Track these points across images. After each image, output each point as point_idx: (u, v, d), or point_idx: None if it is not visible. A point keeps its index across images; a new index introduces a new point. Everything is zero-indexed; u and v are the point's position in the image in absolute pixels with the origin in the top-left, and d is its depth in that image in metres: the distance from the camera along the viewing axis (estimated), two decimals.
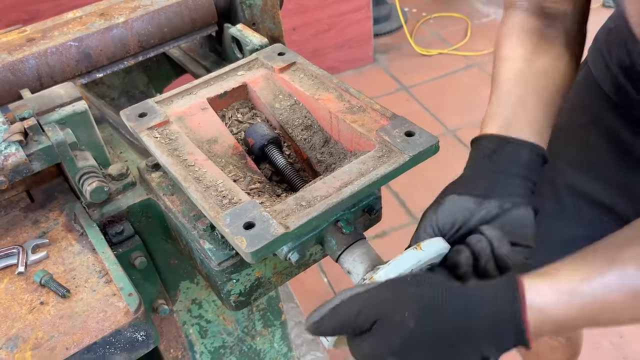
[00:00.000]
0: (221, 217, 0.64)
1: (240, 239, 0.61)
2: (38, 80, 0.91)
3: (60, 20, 0.99)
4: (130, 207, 0.81)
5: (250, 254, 0.60)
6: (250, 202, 0.66)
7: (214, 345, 1.09)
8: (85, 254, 0.75)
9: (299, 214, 0.64)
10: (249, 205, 0.65)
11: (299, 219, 0.63)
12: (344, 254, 0.68)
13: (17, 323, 0.67)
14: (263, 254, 0.61)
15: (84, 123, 0.80)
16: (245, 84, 0.87)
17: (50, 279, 0.71)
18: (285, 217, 0.64)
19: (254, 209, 0.64)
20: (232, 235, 0.62)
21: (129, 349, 0.68)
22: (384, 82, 3.13)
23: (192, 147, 0.75)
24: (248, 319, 1.11)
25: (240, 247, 0.61)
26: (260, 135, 0.79)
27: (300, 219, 0.63)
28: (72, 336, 0.65)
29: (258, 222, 0.63)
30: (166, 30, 1.01)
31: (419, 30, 3.50)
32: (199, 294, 1.00)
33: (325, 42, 3.07)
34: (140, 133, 0.77)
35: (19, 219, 0.80)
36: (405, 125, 0.73)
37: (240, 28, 1.01)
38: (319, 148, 0.81)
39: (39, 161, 0.74)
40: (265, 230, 0.62)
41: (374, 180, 0.67)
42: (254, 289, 0.76)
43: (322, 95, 0.82)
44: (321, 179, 0.69)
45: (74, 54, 0.94)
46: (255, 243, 0.60)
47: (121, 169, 0.83)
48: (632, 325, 2.01)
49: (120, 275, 0.71)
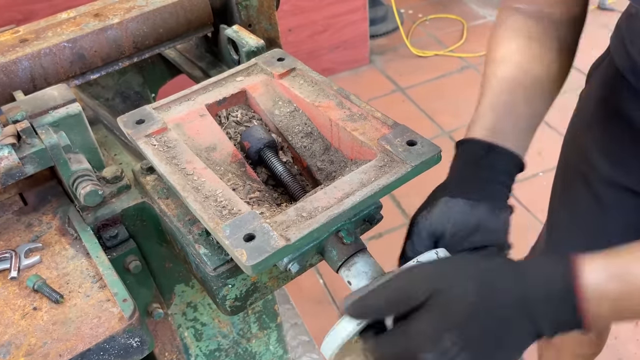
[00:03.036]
0: (221, 229, 0.63)
1: (241, 252, 0.60)
2: (31, 82, 0.90)
3: (53, 20, 0.98)
4: (124, 210, 0.80)
5: (251, 267, 0.59)
6: (250, 212, 0.65)
7: (209, 348, 1.08)
8: (79, 258, 0.74)
9: (300, 226, 0.63)
10: (249, 216, 0.64)
11: (299, 230, 0.62)
12: (345, 265, 0.67)
13: (10, 329, 0.66)
14: (264, 267, 0.60)
15: (78, 125, 0.79)
16: (245, 89, 0.86)
17: (43, 284, 0.70)
18: (286, 228, 0.63)
19: (254, 220, 0.63)
20: (232, 248, 0.61)
21: (123, 355, 0.67)
22: (380, 83, 3.13)
23: (190, 155, 0.74)
24: (243, 322, 1.11)
25: (241, 260, 0.60)
26: (256, 138, 0.79)
27: (301, 230, 0.62)
28: (65, 342, 0.64)
29: (258, 234, 0.62)
30: (161, 31, 1.00)
31: (415, 32, 3.50)
32: (194, 297, 0.99)
33: (321, 43, 3.06)
34: (137, 140, 0.76)
35: (11, 223, 0.79)
36: (407, 134, 0.72)
37: (236, 29, 1.00)
38: (319, 156, 0.80)
39: (32, 164, 0.73)
40: (266, 243, 0.61)
41: (376, 191, 0.66)
42: (250, 293, 0.75)
43: (322, 102, 0.81)
44: (322, 188, 0.68)
45: (67, 55, 0.93)
46: (255, 256, 0.59)
47: (115, 171, 0.82)
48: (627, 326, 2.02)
49: (115, 281, 0.70)
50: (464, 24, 3.51)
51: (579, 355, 1.35)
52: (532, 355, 1.80)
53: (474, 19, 3.57)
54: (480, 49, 3.25)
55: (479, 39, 3.36)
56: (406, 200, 2.38)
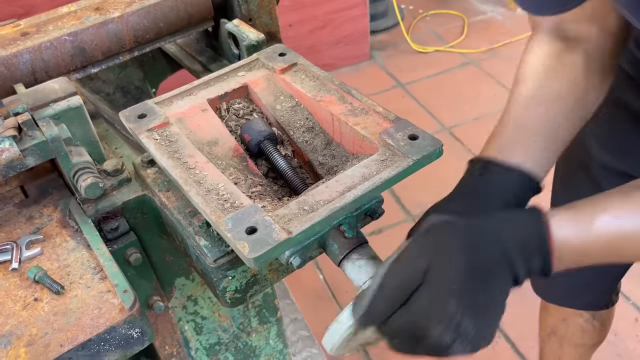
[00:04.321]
0: (223, 222, 0.63)
1: (243, 244, 0.60)
2: (32, 75, 0.91)
3: (54, 14, 0.98)
4: (125, 203, 0.80)
5: (253, 260, 0.59)
6: (252, 206, 0.65)
7: (209, 342, 1.08)
8: (80, 250, 0.74)
9: (302, 219, 0.63)
10: (251, 209, 0.64)
11: (301, 224, 0.62)
12: (346, 259, 0.67)
13: (11, 319, 0.67)
14: (265, 260, 0.61)
15: (79, 118, 0.79)
16: (246, 84, 0.87)
17: (44, 275, 0.70)
18: (288, 222, 0.63)
19: (256, 213, 0.64)
20: (235, 241, 0.61)
21: (123, 346, 0.67)
22: (380, 79, 3.13)
23: (192, 149, 0.74)
24: (244, 316, 1.11)
25: (243, 253, 0.60)
26: (256, 131, 0.79)
27: (303, 224, 0.62)
28: (66, 333, 0.65)
29: (260, 227, 0.62)
30: (162, 25, 1.00)
31: (415, 28, 3.49)
32: (195, 290, 0.99)
33: (321, 38, 3.06)
34: (139, 135, 0.77)
35: (12, 215, 0.80)
36: (409, 129, 0.72)
37: (236, 23, 1.00)
38: (320, 150, 0.80)
39: (33, 157, 0.74)
40: (268, 236, 0.61)
41: (378, 185, 0.66)
42: (250, 285, 0.76)
43: (323, 97, 0.81)
44: (324, 182, 0.68)
45: (68, 49, 0.93)
46: (257, 249, 0.60)
47: (116, 164, 0.82)
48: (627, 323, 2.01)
49: (115, 272, 0.70)
50: (464, 20, 3.50)
51: (581, 345, 1.35)
52: (535, 349, 1.80)
53: (474, 14, 3.56)
54: (481, 45, 3.25)
55: (479, 35, 3.36)
56: (406, 195, 2.38)
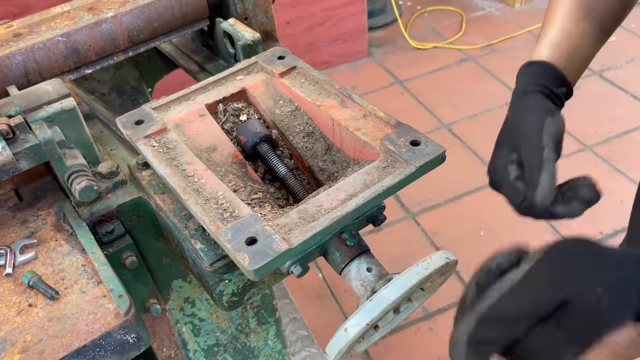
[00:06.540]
0: (222, 232, 0.62)
1: (243, 256, 0.59)
2: (25, 77, 0.90)
3: (47, 14, 0.97)
4: (120, 205, 0.79)
5: (253, 272, 0.58)
6: (252, 215, 0.64)
7: (207, 344, 1.08)
8: (75, 254, 0.73)
9: (303, 229, 0.62)
10: (251, 219, 0.63)
11: (302, 234, 0.61)
12: (348, 267, 0.66)
13: (5, 326, 0.66)
14: (266, 271, 0.59)
15: (73, 120, 0.78)
16: (245, 89, 0.85)
17: (38, 280, 0.69)
18: (289, 231, 0.62)
19: (256, 223, 0.63)
20: (234, 252, 0.60)
21: (119, 351, 0.66)
22: (379, 76, 3.12)
23: (190, 156, 0.73)
24: (242, 317, 1.10)
25: (243, 265, 0.59)
26: (252, 133, 0.78)
27: (304, 234, 0.61)
28: (61, 339, 0.64)
29: (260, 238, 0.61)
30: (156, 24, 0.99)
31: (413, 24, 3.48)
32: (192, 292, 0.98)
33: (319, 36, 3.05)
34: (137, 142, 0.75)
35: (6, 219, 0.79)
36: (411, 134, 0.70)
37: (232, 22, 0.99)
38: (321, 156, 0.79)
39: (26, 160, 0.73)
40: (268, 247, 0.60)
41: (380, 193, 0.65)
42: (247, 289, 0.75)
43: (324, 101, 0.80)
44: (325, 190, 0.67)
45: (62, 50, 0.92)
46: (257, 260, 0.59)
47: (111, 167, 0.81)
48: None
49: (111, 277, 0.69)
50: (462, 16, 3.49)
51: None
52: None
53: (473, 10, 3.55)
54: (479, 41, 3.24)
55: (478, 31, 3.35)
56: (405, 193, 2.38)
